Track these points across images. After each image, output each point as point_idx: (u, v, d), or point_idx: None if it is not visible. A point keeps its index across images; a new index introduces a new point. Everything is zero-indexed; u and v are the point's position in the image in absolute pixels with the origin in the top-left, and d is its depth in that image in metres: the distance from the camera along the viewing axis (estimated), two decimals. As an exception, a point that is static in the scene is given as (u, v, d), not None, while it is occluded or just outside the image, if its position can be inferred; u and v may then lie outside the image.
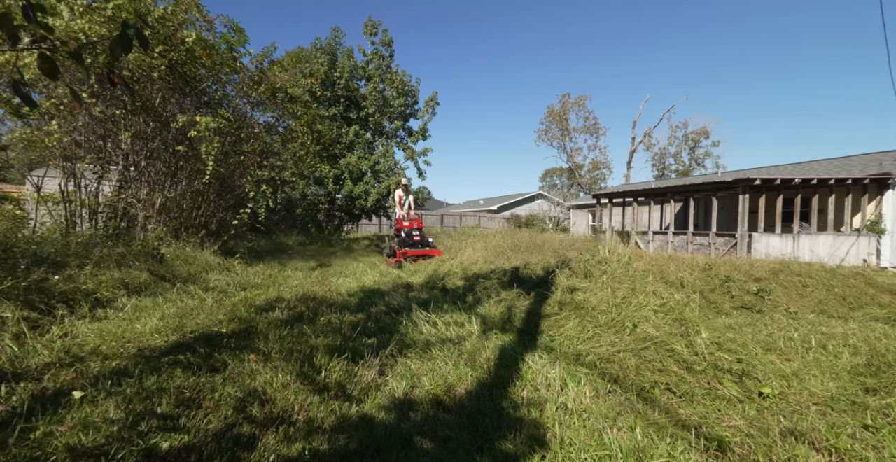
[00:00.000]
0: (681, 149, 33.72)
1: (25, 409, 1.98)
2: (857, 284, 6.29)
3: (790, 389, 2.57)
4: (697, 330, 3.30)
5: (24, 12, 1.38)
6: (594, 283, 4.65)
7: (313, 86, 11.09)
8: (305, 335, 3.34)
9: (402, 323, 3.87)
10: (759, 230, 11.51)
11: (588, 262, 5.51)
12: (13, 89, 1.59)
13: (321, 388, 2.45)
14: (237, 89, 8.35)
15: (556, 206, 28.10)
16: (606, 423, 2.06)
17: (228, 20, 7.42)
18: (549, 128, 35.90)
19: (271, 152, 8.74)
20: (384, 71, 15.02)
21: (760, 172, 15.26)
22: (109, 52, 1.40)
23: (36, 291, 3.66)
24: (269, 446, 1.85)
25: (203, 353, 2.87)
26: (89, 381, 2.33)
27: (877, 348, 3.21)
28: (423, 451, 1.89)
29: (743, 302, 5.21)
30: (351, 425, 2.07)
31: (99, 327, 3.37)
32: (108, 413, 2.00)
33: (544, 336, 3.76)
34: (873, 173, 11.96)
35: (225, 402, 2.20)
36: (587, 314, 3.98)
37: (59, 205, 6.43)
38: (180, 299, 4.51)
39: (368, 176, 14.50)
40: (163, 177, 7.42)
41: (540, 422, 2.13)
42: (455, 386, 2.56)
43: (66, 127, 6.09)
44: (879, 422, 2.14)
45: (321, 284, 6.04)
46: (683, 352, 3.01)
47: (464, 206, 42.13)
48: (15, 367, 2.49)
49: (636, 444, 1.88)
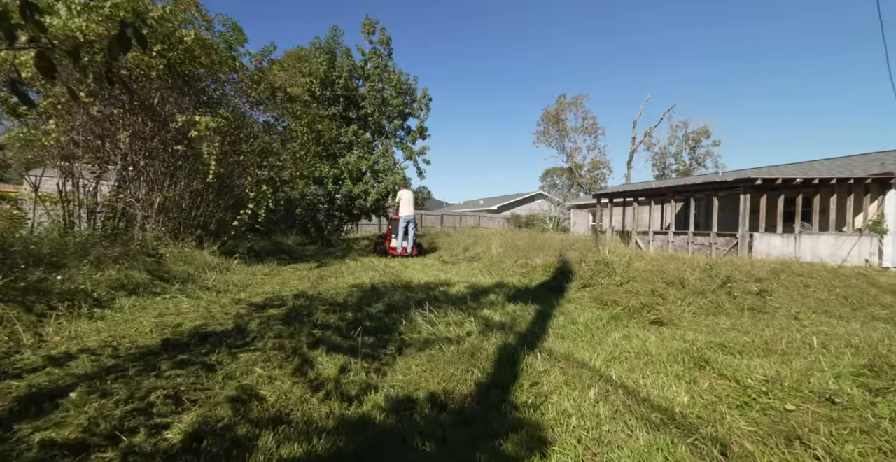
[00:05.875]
0: (681, 148, 33.71)
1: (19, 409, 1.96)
2: (859, 285, 6.27)
3: (791, 391, 2.54)
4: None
5: (21, 11, 1.36)
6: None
7: (312, 85, 11.07)
8: (303, 334, 3.32)
9: (402, 322, 3.86)
10: (760, 230, 11.49)
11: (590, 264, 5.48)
12: (10, 88, 1.58)
13: (319, 388, 2.42)
14: (236, 89, 8.33)
15: (556, 205, 28.10)
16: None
17: (227, 19, 7.41)
18: (547, 129, 35.90)
19: (271, 152, 8.73)
20: (382, 70, 15.00)
21: (761, 172, 15.22)
22: (108, 52, 1.38)
23: (34, 291, 3.65)
24: (266, 447, 1.83)
25: (199, 352, 2.86)
26: (84, 379, 2.31)
27: (879, 349, 3.19)
28: (422, 451, 1.87)
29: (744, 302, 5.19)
30: (349, 425, 2.05)
31: (97, 327, 3.35)
32: (102, 411, 1.98)
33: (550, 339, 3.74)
34: (875, 173, 11.93)
35: (221, 401, 2.18)
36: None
37: (57, 204, 6.42)
38: (179, 299, 4.49)
39: (368, 176, 14.48)
40: (161, 176, 7.40)
41: (541, 423, 2.11)
42: (455, 386, 2.54)
43: (63, 126, 6.06)
44: (885, 425, 2.12)
45: (320, 284, 6.02)
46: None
47: (464, 206, 42.12)
48: (15, 368, 2.47)
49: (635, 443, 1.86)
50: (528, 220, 26.04)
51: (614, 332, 3.89)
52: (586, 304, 5.21)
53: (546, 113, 35.59)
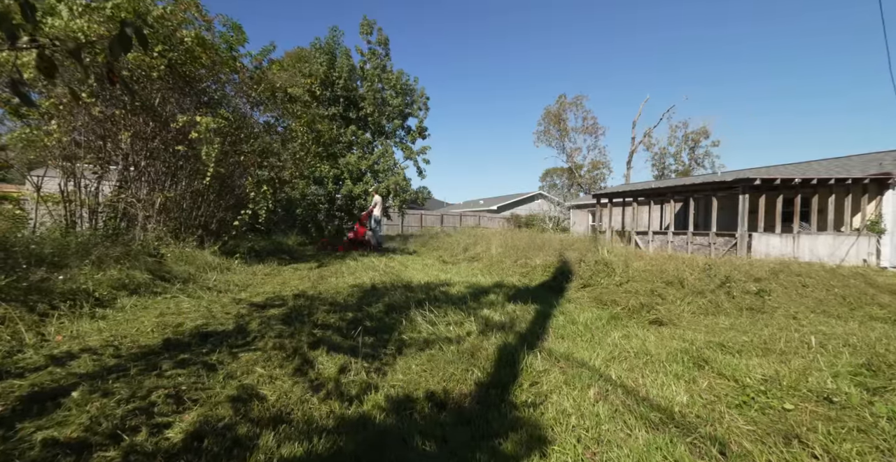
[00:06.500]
0: (680, 149, 33.70)
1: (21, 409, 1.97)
2: (856, 284, 6.28)
3: (790, 390, 2.55)
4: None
5: (22, 11, 1.37)
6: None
7: (312, 85, 11.09)
8: (304, 334, 3.34)
9: (402, 322, 3.87)
10: (758, 230, 11.50)
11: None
12: (11, 89, 1.59)
13: (319, 388, 2.44)
14: (237, 89, 8.34)
15: (556, 206, 28.11)
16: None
17: (227, 19, 7.42)
18: (548, 129, 35.89)
19: (271, 152, 8.74)
20: (381, 71, 15.02)
21: (760, 172, 15.24)
22: (109, 51, 1.39)
23: (36, 291, 3.66)
24: (266, 446, 1.84)
25: (200, 352, 2.87)
26: (86, 379, 2.32)
27: (877, 348, 3.21)
28: (422, 450, 1.88)
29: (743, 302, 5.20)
30: (350, 425, 2.06)
31: (98, 326, 3.36)
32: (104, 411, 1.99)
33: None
34: (873, 173, 11.94)
35: (221, 400, 2.19)
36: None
37: (58, 205, 6.43)
38: (180, 299, 4.50)
39: (368, 176, 14.50)
40: (162, 177, 7.42)
41: (541, 422, 2.12)
42: (455, 385, 2.55)
43: (65, 127, 6.07)
44: (882, 424, 2.13)
45: (320, 284, 6.03)
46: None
47: (464, 206, 42.12)
48: (17, 367, 2.49)
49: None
50: (528, 221, 26.05)
51: (614, 331, 3.90)
52: (586, 304, 5.22)
53: (547, 112, 35.60)
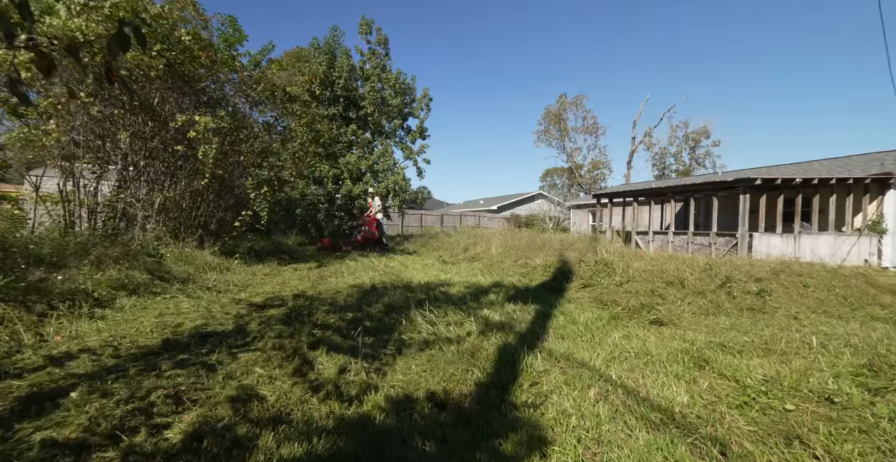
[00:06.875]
0: (681, 148, 33.68)
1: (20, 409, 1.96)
2: (858, 284, 6.27)
3: (791, 390, 2.55)
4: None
5: (19, 10, 1.36)
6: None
7: (312, 85, 11.08)
8: (303, 334, 3.33)
9: (402, 322, 3.86)
10: (759, 230, 11.49)
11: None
12: (9, 88, 1.58)
13: (319, 388, 2.43)
14: (236, 89, 8.33)
15: (556, 205, 28.09)
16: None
17: (225, 17, 7.41)
18: (548, 128, 35.86)
19: (271, 152, 8.73)
20: (381, 70, 15.01)
21: (761, 172, 15.23)
22: (107, 50, 1.38)
23: (34, 292, 3.65)
24: (266, 447, 1.83)
25: (200, 352, 2.86)
26: (85, 379, 2.32)
27: (878, 349, 3.20)
28: (422, 451, 1.87)
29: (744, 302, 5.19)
30: (349, 425, 2.05)
31: (97, 327, 3.35)
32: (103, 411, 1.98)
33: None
34: (875, 173, 11.93)
35: (221, 401, 2.18)
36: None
37: (57, 205, 6.42)
38: (180, 299, 4.49)
39: (368, 176, 14.49)
40: (162, 176, 7.41)
41: (541, 422, 2.11)
42: (455, 385, 2.54)
43: (64, 126, 6.06)
44: (883, 424, 2.12)
45: (320, 284, 6.02)
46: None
47: (464, 206, 42.10)
48: (16, 367, 2.48)
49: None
50: (528, 220, 26.03)
51: (614, 331, 3.90)
52: (586, 304, 5.21)
53: (548, 112, 35.57)
